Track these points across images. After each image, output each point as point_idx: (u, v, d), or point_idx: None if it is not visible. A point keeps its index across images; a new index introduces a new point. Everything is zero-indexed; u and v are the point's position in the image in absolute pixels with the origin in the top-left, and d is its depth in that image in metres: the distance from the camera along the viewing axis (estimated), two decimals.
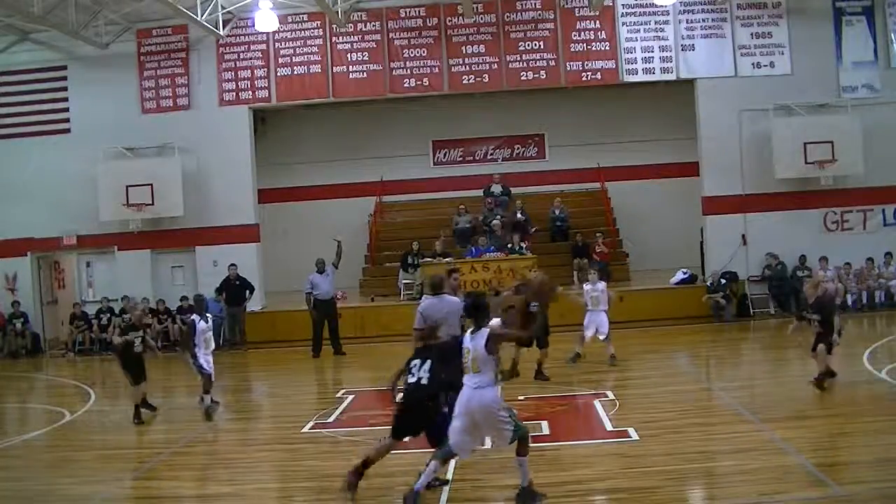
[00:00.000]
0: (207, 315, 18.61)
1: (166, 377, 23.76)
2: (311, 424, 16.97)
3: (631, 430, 14.64)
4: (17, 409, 21.24)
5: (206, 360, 18.18)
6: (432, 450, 12.01)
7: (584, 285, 22.38)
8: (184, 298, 29.92)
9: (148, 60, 31.05)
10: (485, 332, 11.56)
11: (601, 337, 21.17)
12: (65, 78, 31.37)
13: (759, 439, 14.00)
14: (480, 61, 30.20)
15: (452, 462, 13.08)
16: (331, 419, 17.43)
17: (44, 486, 14.50)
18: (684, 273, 30.11)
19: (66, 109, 31.30)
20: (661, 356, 23.43)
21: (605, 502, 11.98)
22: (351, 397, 19.45)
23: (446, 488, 12.33)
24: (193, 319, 18.29)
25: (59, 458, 16.05)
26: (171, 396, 21.99)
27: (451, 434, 11.71)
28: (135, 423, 18.13)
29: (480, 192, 34.37)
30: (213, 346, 18.49)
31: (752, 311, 29.20)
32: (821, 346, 16.53)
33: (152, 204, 29.87)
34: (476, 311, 11.92)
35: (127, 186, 29.77)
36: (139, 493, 13.61)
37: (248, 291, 29.29)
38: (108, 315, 30.35)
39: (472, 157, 36.97)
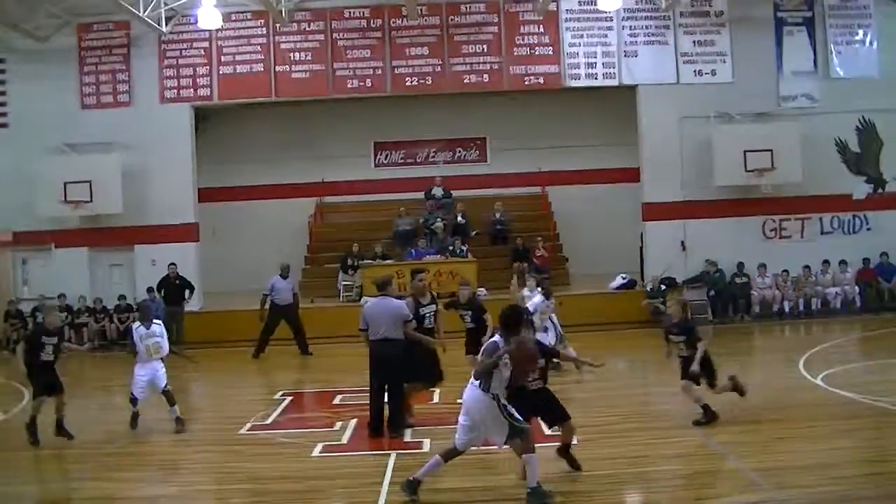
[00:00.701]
0: (155, 322, 18.01)
1: (106, 375, 23.53)
2: (248, 426, 16.91)
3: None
4: None
5: (139, 373, 17.62)
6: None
7: (523, 290, 22.37)
8: (121, 297, 29.78)
9: (89, 55, 30.74)
10: (494, 342, 11.88)
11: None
12: (3, 71, 30.95)
13: (697, 444, 14.15)
14: (424, 63, 30.20)
15: (391, 464, 13.11)
16: (268, 421, 17.38)
17: None
18: (623, 278, 30.26)
19: (4, 104, 30.89)
20: (598, 360, 23.50)
21: None
22: (289, 399, 19.42)
23: (384, 490, 12.25)
24: (130, 325, 18.03)
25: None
26: (109, 395, 21.79)
27: (457, 431, 11.98)
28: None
29: (422, 195, 34.34)
30: (164, 352, 18.02)
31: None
32: (684, 382, 15.85)
33: (91, 201, 29.54)
34: (507, 324, 11.97)
35: (65, 183, 29.45)
36: (77, 493, 13.52)
37: (188, 291, 29.06)
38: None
39: (413, 160, 36.95)
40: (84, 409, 20.52)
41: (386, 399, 15.75)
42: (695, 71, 30.02)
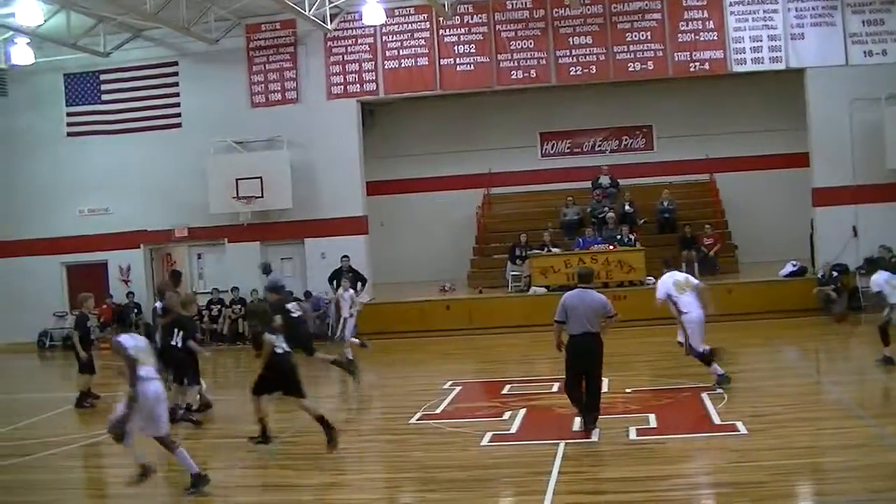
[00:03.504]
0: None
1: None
2: (418, 416, 16.99)
3: (739, 424, 14.40)
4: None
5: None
6: None
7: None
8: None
9: (257, 55, 31.40)
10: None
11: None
12: (176, 74, 31.89)
13: (869, 435, 13.73)
14: (587, 52, 29.96)
15: (560, 453, 13.10)
16: (438, 410, 17.44)
17: (158, 473, 14.75)
18: (794, 265, 29.56)
19: (178, 104, 31.82)
20: (770, 349, 23.08)
21: (711, 496, 11.80)
22: (458, 389, 19.44)
23: (553, 478, 12.23)
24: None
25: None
26: None
27: None
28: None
29: (588, 184, 34.10)
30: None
31: (862, 303, 28.52)
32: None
33: (261, 197, 30.17)
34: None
35: (237, 179, 30.15)
36: (250, 481, 13.79)
37: (360, 283, 29.30)
38: (219, 306, 30.79)
39: (579, 149, 36.68)
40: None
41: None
42: (864, 52, 29.09)
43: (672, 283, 18.29)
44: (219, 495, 13.02)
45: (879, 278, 19.42)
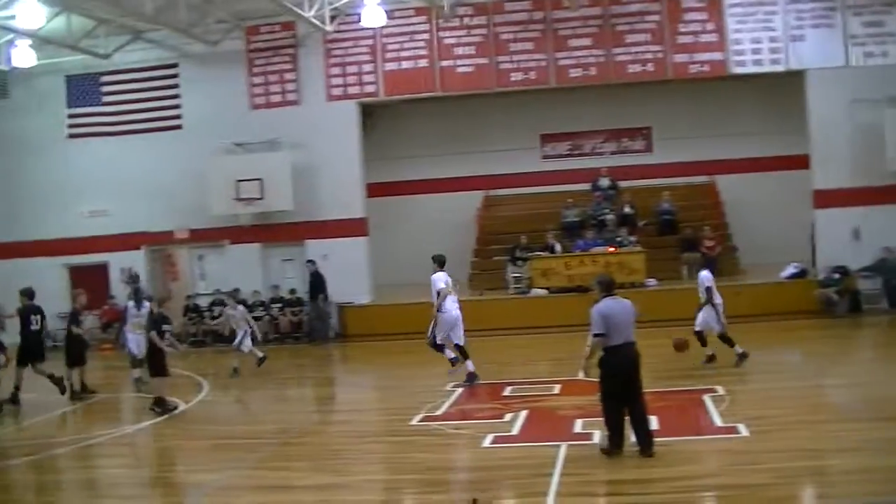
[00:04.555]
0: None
1: (279, 367, 23.94)
2: (419, 417, 16.98)
3: (741, 427, 14.39)
4: (132, 398, 21.62)
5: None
6: None
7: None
8: (292, 291, 30.50)
9: (256, 57, 31.43)
10: None
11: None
12: (176, 76, 31.95)
13: (872, 437, 13.71)
14: (587, 54, 29.92)
15: (562, 455, 13.12)
16: (439, 412, 17.43)
17: (157, 474, 14.85)
18: (795, 267, 29.57)
19: (178, 106, 31.88)
20: (772, 351, 23.04)
21: (714, 499, 11.81)
22: (460, 390, 19.44)
23: (555, 480, 12.26)
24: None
25: (172, 446, 16.32)
26: (282, 388, 22.23)
27: None
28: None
29: (588, 186, 34.13)
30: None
31: (863, 306, 28.54)
32: None
33: (262, 198, 30.21)
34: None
35: (237, 181, 30.19)
36: (251, 482, 13.78)
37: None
38: (220, 308, 30.80)
39: (579, 151, 36.75)
40: (258, 399, 21.09)
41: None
42: (865, 53, 29.04)
43: (445, 280, 20.21)
44: (218, 496, 13.07)
45: None
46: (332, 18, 30.10)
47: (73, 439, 17.34)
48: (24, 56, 29.54)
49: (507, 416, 16.37)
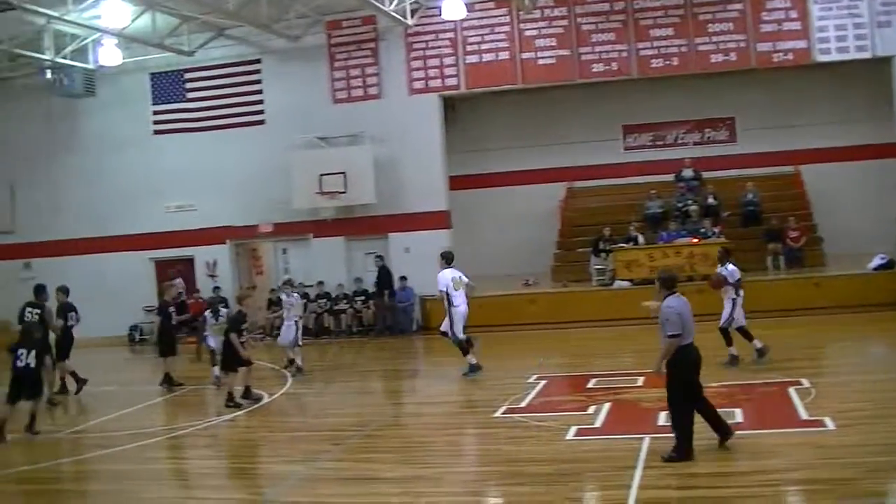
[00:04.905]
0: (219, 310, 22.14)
1: (361, 361, 24.06)
2: (503, 409, 16.94)
3: (827, 420, 14.17)
4: (216, 391, 21.83)
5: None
6: None
7: None
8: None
9: (338, 51, 31.59)
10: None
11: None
12: (259, 71, 32.26)
13: None
14: (669, 44, 29.67)
15: (645, 448, 13.03)
16: (523, 404, 17.37)
17: (242, 465, 14.98)
18: (882, 258, 29.02)
19: (261, 101, 32.17)
20: (858, 344, 22.75)
21: (800, 493, 11.62)
22: (543, 383, 19.38)
23: (638, 473, 12.18)
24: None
25: (257, 438, 16.46)
26: (365, 380, 22.32)
27: None
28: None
29: (671, 177, 33.88)
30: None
31: None
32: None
33: (345, 192, 30.33)
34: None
35: (320, 175, 30.32)
36: (334, 473, 13.84)
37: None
38: (304, 301, 31.00)
39: (662, 142, 36.50)
40: (342, 391, 21.20)
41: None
42: None
43: (450, 278, 21.11)
44: (302, 487, 13.16)
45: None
46: (413, 12, 30.18)
47: (161, 430, 17.58)
48: (110, 55, 30.03)
49: (591, 409, 16.27)
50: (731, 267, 20.00)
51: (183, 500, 13.28)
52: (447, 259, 21.53)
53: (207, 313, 22.28)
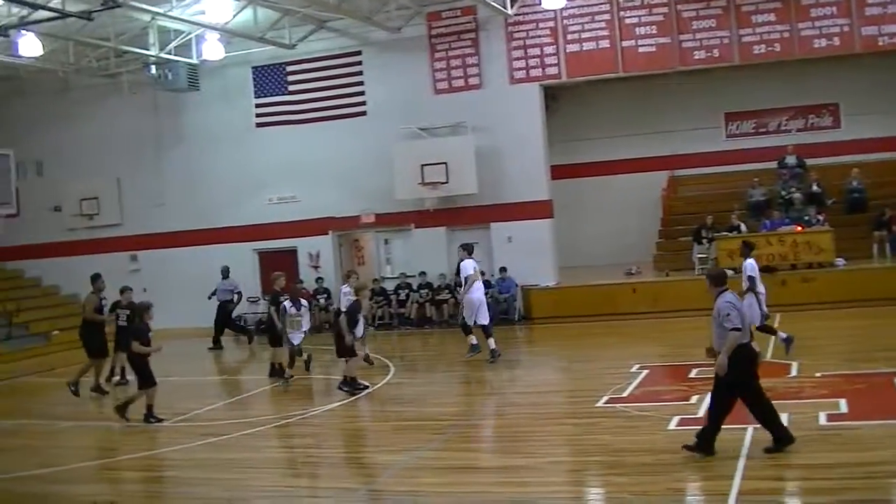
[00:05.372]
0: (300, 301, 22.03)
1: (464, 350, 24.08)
2: (604, 399, 16.93)
3: None
4: (321, 380, 22.05)
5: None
6: None
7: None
8: (481, 273, 30.51)
9: (438, 42, 31.62)
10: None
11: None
12: (360, 63, 32.40)
13: None
14: (771, 30, 29.09)
15: (748, 438, 12.93)
16: (624, 394, 17.35)
17: (344, 454, 15.15)
18: None
19: (362, 93, 32.33)
20: None
21: None
22: (645, 372, 19.31)
23: (741, 464, 12.10)
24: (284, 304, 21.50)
25: (360, 427, 16.63)
26: (469, 369, 22.39)
27: None
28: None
29: (774, 164, 33.43)
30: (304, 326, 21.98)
31: None
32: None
33: (447, 182, 30.37)
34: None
35: (422, 165, 30.40)
36: (435, 463, 13.96)
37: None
38: (406, 291, 31.23)
39: (764, 129, 36.02)
40: (444, 381, 21.31)
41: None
42: None
43: (473, 267, 22.33)
44: (404, 476, 13.28)
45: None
46: (513, 2, 30.11)
47: (267, 419, 17.84)
48: (213, 49, 30.47)
49: (693, 398, 16.15)
50: (750, 262, 19.48)
51: (290, 490, 13.47)
52: (468, 250, 22.58)
53: (287, 302, 21.80)
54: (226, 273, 30.29)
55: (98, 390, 21.85)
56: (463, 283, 22.23)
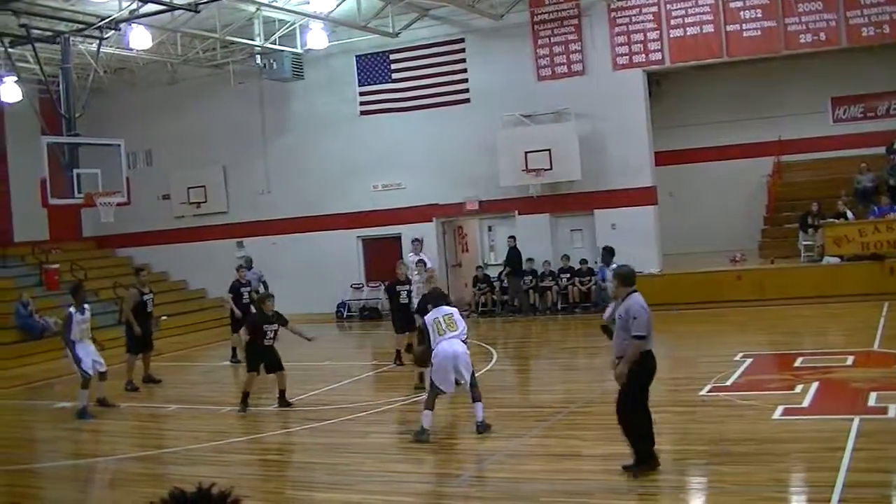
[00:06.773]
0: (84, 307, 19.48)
1: (568, 338, 24.16)
2: (708, 388, 16.87)
3: None
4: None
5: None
6: None
7: None
8: (583, 261, 30.63)
9: (541, 29, 31.58)
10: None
11: None
12: (463, 50, 32.49)
13: None
14: (880, 11, 28.43)
15: (855, 429, 12.81)
16: (728, 382, 17.26)
17: (449, 440, 15.23)
18: None
19: (465, 80, 32.42)
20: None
21: None
22: (749, 361, 19.17)
23: (847, 455, 11.98)
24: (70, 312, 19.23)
25: (462, 414, 16.72)
26: (572, 357, 22.42)
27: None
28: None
29: (882, 150, 32.82)
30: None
31: None
32: None
33: (550, 169, 30.35)
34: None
35: (525, 152, 30.42)
36: (539, 449, 14.07)
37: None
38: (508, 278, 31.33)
39: (873, 113, 35.38)
40: (546, 368, 21.35)
41: None
42: None
43: None
44: (507, 463, 13.38)
45: None
46: None
47: (368, 404, 18.09)
48: (317, 39, 30.82)
49: (798, 388, 16.04)
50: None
51: (393, 475, 13.58)
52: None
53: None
54: (249, 264, 29.92)
55: (150, 380, 22.28)
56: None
